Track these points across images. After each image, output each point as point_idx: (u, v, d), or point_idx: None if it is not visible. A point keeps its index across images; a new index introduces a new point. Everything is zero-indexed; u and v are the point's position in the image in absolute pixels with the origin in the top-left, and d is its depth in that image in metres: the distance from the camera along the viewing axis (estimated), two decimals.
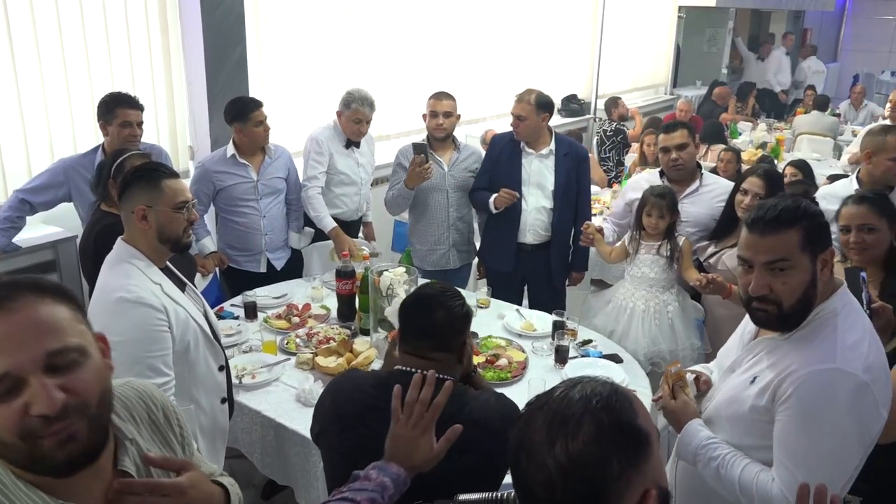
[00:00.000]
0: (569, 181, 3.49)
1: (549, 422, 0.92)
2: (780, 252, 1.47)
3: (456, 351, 1.70)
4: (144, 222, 1.96)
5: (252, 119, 3.39)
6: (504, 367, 2.62)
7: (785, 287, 1.47)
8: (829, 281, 1.53)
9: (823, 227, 1.51)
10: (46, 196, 3.11)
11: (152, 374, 1.89)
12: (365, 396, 1.68)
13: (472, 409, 1.62)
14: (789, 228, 1.47)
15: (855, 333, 1.48)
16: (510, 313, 3.16)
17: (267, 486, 2.99)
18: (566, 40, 7.20)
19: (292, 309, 3.10)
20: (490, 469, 1.65)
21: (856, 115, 8.69)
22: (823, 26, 13.67)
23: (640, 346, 3.00)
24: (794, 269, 1.47)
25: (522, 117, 3.42)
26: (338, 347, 2.71)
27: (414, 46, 5.34)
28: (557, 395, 0.96)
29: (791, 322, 1.52)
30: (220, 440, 2.21)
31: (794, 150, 7.12)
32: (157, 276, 2.00)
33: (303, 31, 4.49)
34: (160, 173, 2.01)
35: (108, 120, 3.07)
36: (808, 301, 1.49)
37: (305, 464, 2.29)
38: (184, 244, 2.05)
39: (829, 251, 1.50)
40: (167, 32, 3.80)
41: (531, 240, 3.55)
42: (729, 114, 8.07)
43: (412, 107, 5.29)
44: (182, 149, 3.99)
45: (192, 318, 2.03)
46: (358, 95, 3.65)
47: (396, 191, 3.57)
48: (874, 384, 1.43)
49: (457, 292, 1.77)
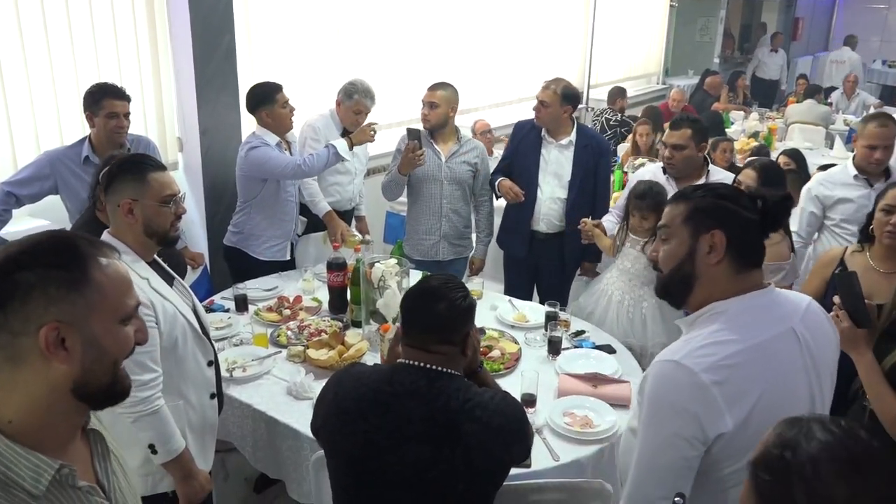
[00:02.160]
0: (586, 173, 3.50)
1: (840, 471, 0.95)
2: (666, 219, 1.55)
3: (459, 344, 1.69)
4: (131, 216, 1.92)
5: (278, 101, 3.34)
6: (497, 359, 2.61)
7: (663, 254, 1.54)
8: (726, 275, 1.46)
9: (716, 209, 1.47)
10: (32, 189, 3.06)
11: (139, 370, 1.86)
12: (366, 391, 1.67)
13: (475, 405, 1.61)
14: (680, 201, 1.53)
15: (724, 336, 1.41)
16: (503, 304, 3.14)
17: (259, 479, 2.98)
18: (558, 30, 7.17)
19: (283, 301, 3.08)
20: (493, 467, 1.63)
21: (848, 105, 8.70)
22: (815, 15, 13.67)
23: (615, 335, 2.99)
24: (673, 238, 1.52)
25: (546, 104, 3.46)
26: (329, 340, 2.68)
27: (406, 38, 5.30)
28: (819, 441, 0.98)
29: (672, 293, 1.55)
30: (209, 436, 2.18)
31: (787, 140, 7.12)
32: (145, 271, 1.96)
33: (293, 20, 4.44)
34: (146, 166, 1.96)
35: (95, 111, 3.02)
36: (685, 277, 1.49)
37: (297, 457, 2.27)
38: (171, 238, 2.01)
39: (716, 234, 1.44)
40: (154, 22, 3.74)
41: (544, 228, 3.58)
42: (721, 103, 8.07)
43: (402, 97, 5.26)
44: (170, 140, 3.94)
45: (179, 313, 2.00)
46: (361, 87, 3.65)
47: (391, 175, 3.57)
48: (717, 386, 1.36)
49: (460, 284, 1.75)
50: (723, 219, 1.46)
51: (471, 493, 1.61)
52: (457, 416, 1.59)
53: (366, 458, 1.63)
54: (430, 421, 1.59)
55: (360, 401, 1.66)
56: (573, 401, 2.34)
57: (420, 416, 1.60)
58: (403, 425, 1.60)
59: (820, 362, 1.49)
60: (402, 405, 1.61)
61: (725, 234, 1.45)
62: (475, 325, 1.77)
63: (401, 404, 1.62)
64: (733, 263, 1.46)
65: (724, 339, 1.41)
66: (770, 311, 1.48)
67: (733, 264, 1.46)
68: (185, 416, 2.05)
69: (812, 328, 1.50)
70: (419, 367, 1.65)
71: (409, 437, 1.59)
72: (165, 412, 1.93)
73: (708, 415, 1.36)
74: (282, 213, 3.46)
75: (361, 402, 1.65)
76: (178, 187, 2.02)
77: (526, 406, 2.28)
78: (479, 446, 1.58)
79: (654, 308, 3.05)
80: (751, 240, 1.48)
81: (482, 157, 3.65)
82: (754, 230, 1.48)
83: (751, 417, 1.37)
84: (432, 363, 1.65)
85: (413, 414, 1.60)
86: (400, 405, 1.62)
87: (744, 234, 1.47)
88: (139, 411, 1.88)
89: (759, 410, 1.38)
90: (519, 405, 1.73)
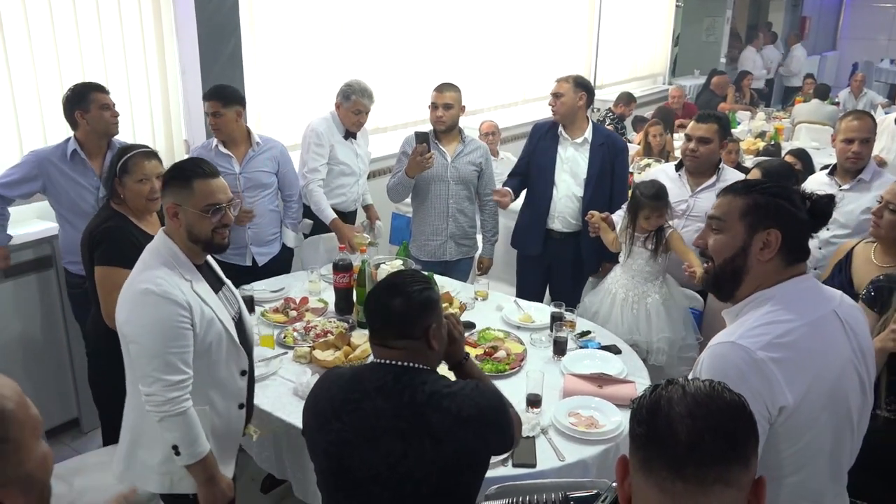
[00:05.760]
0: (602, 171, 3.51)
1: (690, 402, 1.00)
2: (720, 211, 1.56)
3: (420, 338, 1.67)
4: (175, 219, 1.97)
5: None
6: (502, 359, 2.61)
7: (715, 245, 1.55)
8: (776, 270, 1.51)
9: (775, 208, 1.50)
10: (21, 190, 3.06)
11: (168, 369, 1.87)
12: (339, 391, 1.69)
13: (442, 396, 1.61)
14: (737, 195, 1.54)
15: (777, 315, 1.46)
16: (508, 305, 3.15)
17: (266, 479, 2.99)
18: (564, 30, 7.16)
19: (290, 302, 3.09)
20: (467, 457, 1.63)
21: (855, 104, 8.65)
22: (822, 14, 13.61)
23: (620, 333, 2.99)
24: (727, 231, 1.53)
25: (559, 94, 3.48)
26: (335, 341, 2.69)
27: (411, 38, 5.30)
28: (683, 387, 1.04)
29: (722, 286, 1.57)
30: (232, 443, 2.16)
31: (793, 139, 7.09)
32: (189, 273, 1.98)
33: (299, 22, 4.45)
34: (194, 172, 1.98)
35: (86, 107, 2.99)
36: (736, 270, 1.52)
37: (301, 458, 2.28)
38: (216, 245, 2.02)
39: (772, 233, 1.48)
40: (160, 24, 3.76)
41: (559, 227, 3.58)
42: (727, 103, 8.04)
43: (409, 98, 5.27)
44: (178, 143, 3.96)
45: (217, 319, 2.00)
46: (357, 87, 3.65)
47: (397, 178, 3.57)
48: (775, 363, 1.40)
49: (422, 279, 1.73)
50: (780, 218, 1.49)
51: (447, 485, 1.62)
52: (424, 409, 1.59)
53: (340, 456, 1.66)
54: (398, 416, 1.60)
55: (332, 401, 1.68)
56: (578, 401, 2.34)
57: (388, 412, 1.61)
58: (373, 422, 1.62)
59: (865, 346, 1.54)
60: (372, 403, 1.63)
61: (781, 232, 1.48)
62: (441, 317, 1.73)
63: (370, 402, 1.63)
64: (783, 260, 1.50)
65: (778, 318, 1.45)
66: (812, 294, 1.53)
67: (782, 261, 1.51)
68: (209, 421, 2.03)
69: (850, 315, 1.55)
70: (385, 365, 1.67)
71: (380, 434, 1.61)
72: (192, 414, 1.92)
73: (769, 391, 1.40)
74: None
75: (334, 402, 1.68)
76: (225, 197, 2.01)
77: (531, 406, 2.29)
78: (449, 437, 1.58)
79: (658, 303, 3.06)
80: (801, 238, 1.53)
81: (486, 157, 3.66)
82: (805, 229, 1.53)
83: (809, 394, 1.42)
84: (397, 359, 1.66)
85: (381, 411, 1.61)
86: (370, 403, 1.63)
87: (797, 233, 1.51)
88: (166, 411, 1.88)
89: (816, 387, 1.42)
90: (496, 395, 1.71)
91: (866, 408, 1.57)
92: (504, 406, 1.71)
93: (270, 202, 3.56)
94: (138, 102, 3.72)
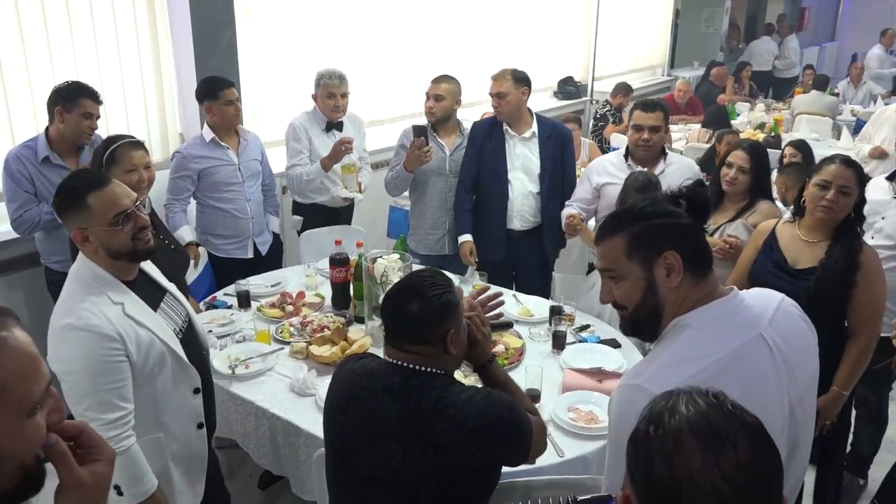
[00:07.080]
0: (554, 164, 3.44)
1: (702, 443, 0.91)
2: (607, 261, 1.41)
3: (437, 343, 1.60)
4: (88, 244, 1.76)
5: (221, 98, 3.32)
6: (501, 354, 2.58)
7: (620, 294, 1.41)
8: (689, 289, 1.37)
9: (656, 229, 1.36)
10: (33, 205, 3.00)
11: (103, 408, 1.72)
12: (349, 385, 1.67)
13: (448, 404, 1.55)
14: (613, 236, 1.39)
15: (688, 352, 1.32)
16: (507, 299, 3.11)
17: (263, 476, 2.97)
18: (562, 22, 7.12)
19: (286, 297, 3.06)
20: (471, 468, 1.59)
21: (855, 94, 8.63)
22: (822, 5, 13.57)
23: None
24: (624, 277, 1.38)
25: (503, 94, 3.37)
26: (332, 336, 2.67)
27: (408, 30, 5.26)
28: (682, 415, 0.94)
29: (643, 329, 1.44)
30: (197, 466, 2.02)
31: (793, 130, 7.07)
32: (120, 295, 1.79)
33: (294, 15, 4.42)
34: (85, 187, 1.75)
35: (69, 107, 2.93)
36: (653, 309, 1.38)
37: (298, 454, 2.26)
38: (141, 252, 1.82)
39: (668, 255, 1.34)
40: (154, 17, 3.72)
41: (519, 226, 3.49)
42: (727, 95, 8.01)
43: (407, 91, 5.23)
44: (172, 136, 3.93)
45: (158, 340, 1.83)
46: (325, 72, 3.61)
47: (395, 172, 3.52)
48: None
49: (442, 281, 1.66)
50: (668, 236, 1.36)
51: (449, 494, 1.58)
52: (428, 416, 1.55)
53: (345, 451, 1.64)
54: (402, 420, 1.56)
55: (342, 394, 1.66)
56: (578, 396, 2.32)
57: (393, 414, 1.57)
58: (377, 423, 1.59)
59: (795, 365, 1.39)
60: (378, 402, 1.59)
61: (676, 250, 1.35)
62: (460, 320, 1.65)
63: (377, 401, 1.60)
64: (692, 274, 1.37)
65: (688, 355, 1.32)
66: (734, 318, 1.38)
67: (692, 275, 1.37)
68: (166, 448, 1.91)
69: (784, 330, 1.40)
70: (396, 365, 1.62)
71: (383, 436, 1.58)
72: (136, 451, 1.78)
73: None
74: (232, 213, 3.44)
75: (343, 396, 1.65)
76: (129, 200, 1.79)
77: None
78: (452, 446, 1.54)
79: None
80: (697, 242, 1.40)
81: None
82: (696, 232, 1.41)
83: None
84: (409, 362, 1.61)
85: (386, 412, 1.58)
86: (376, 402, 1.60)
87: (691, 241, 1.38)
88: None
89: None
90: (507, 405, 1.61)
91: (803, 433, 1.41)
92: (516, 417, 1.61)
93: (259, 190, 3.59)
94: (132, 95, 3.69)
